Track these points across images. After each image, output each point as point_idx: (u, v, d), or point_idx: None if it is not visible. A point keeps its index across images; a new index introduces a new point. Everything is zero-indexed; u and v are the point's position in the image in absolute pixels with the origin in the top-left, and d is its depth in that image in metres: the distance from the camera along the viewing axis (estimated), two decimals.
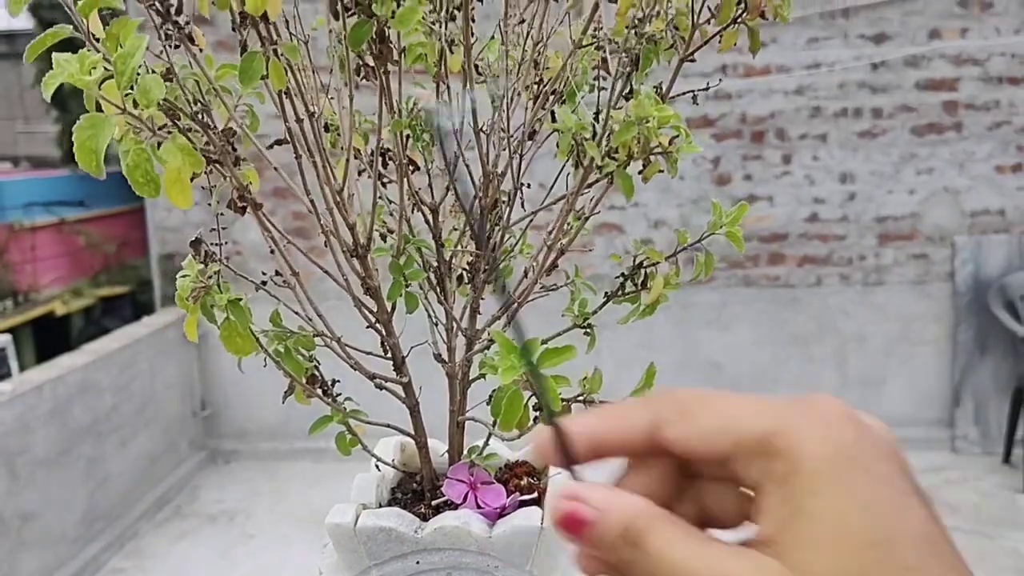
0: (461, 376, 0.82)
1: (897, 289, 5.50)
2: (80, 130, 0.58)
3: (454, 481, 0.80)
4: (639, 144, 0.75)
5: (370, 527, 0.74)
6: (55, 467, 4.21)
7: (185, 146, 0.61)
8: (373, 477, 0.84)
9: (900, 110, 5.35)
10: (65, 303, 14.73)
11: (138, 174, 0.60)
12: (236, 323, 0.70)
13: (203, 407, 5.77)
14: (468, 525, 0.73)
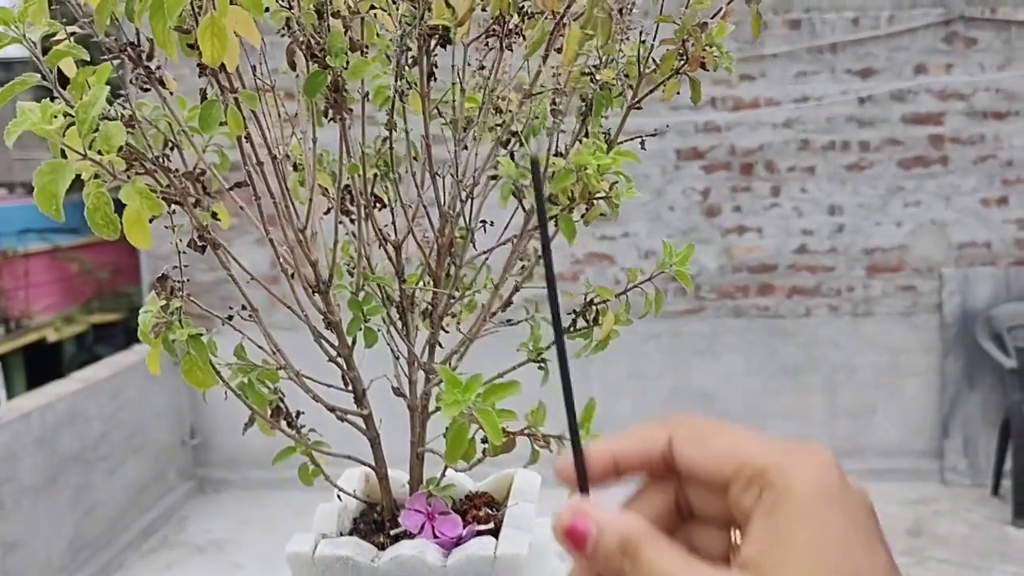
0: (421, 408, 0.85)
1: (886, 320, 5.53)
2: (40, 175, 0.60)
3: (411, 511, 0.82)
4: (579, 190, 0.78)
5: (328, 556, 0.76)
6: (42, 495, 4.20)
7: (143, 190, 0.63)
8: (335, 507, 0.86)
9: (887, 143, 5.41)
10: (57, 330, 14.70)
11: (97, 216, 0.62)
12: (196, 357, 0.72)
13: (192, 435, 5.76)
14: (424, 555, 0.75)
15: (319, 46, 0.70)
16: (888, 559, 0.44)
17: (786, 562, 0.42)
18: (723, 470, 0.46)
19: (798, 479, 0.44)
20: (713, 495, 0.47)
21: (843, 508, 0.43)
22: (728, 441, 0.47)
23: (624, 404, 5.66)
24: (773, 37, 5.40)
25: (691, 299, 5.61)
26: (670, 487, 0.49)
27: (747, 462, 0.45)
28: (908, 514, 5.05)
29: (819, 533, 0.42)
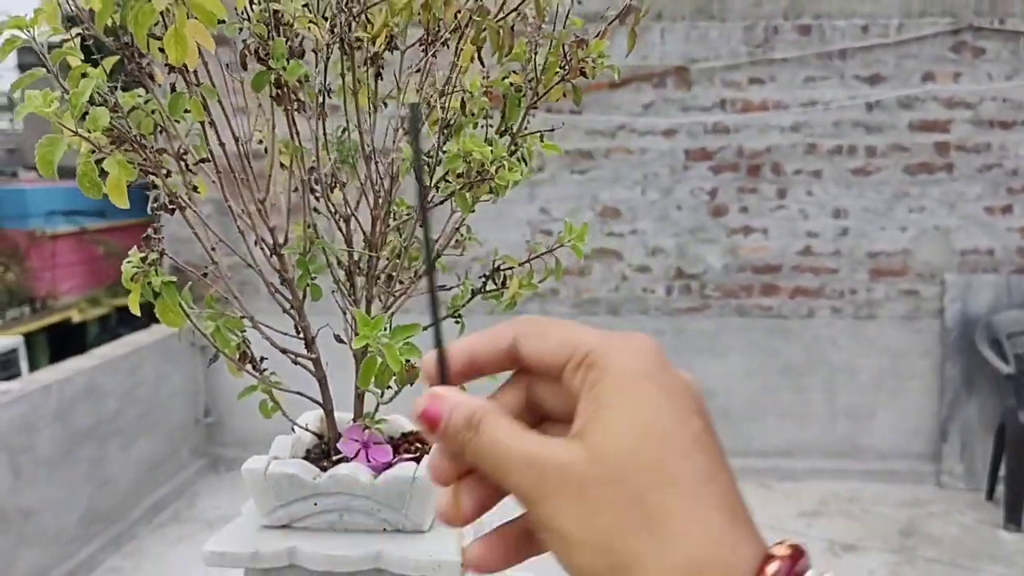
0: (360, 356, 0.98)
1: (887, 323, 5.61)
2: (41, 146, 0.74)
3: (350, 440, 0.95)
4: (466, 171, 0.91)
5: (277, 473, 0.89)
6: (57, 467, 4.37)
7: (121, 160, 0.77)
8: (290, 438, 0.99)
9: (893, 149, 5.49)
10: (82, 311, 14.96)
11: (85, 180, 0.76)
12: (168, 300, 0.86)
13: (206, 414, 5.93)
14: (356, 474, 0.89)
15: (265, 52, 0.83)
16: (702, 427, 0.48)
17: (603, 426, 0.47)
18: (559, 358, 0.50)
19: (618, 357, 0.48)
20: (557, 388, 0.51)
21: (656, 383, 0.48)
22: (563, 331, 0.51)
23: None
24: (783, 42, 5.49)
25: (696, 297, 5.72)
26: (523, 386, 0.54)
27: (577, 347, 0.50)
28: (901, 515, 5.13)
29: (633, 400, 0.47)
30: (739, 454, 5.72)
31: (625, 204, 5.69)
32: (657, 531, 0.45)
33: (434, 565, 0.86)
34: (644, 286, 5.75)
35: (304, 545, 0.88)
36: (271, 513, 0.92)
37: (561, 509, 0.47)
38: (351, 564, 0.86)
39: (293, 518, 0.92)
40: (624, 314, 5.73)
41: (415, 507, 0.90)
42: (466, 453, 0.50)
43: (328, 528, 0.92)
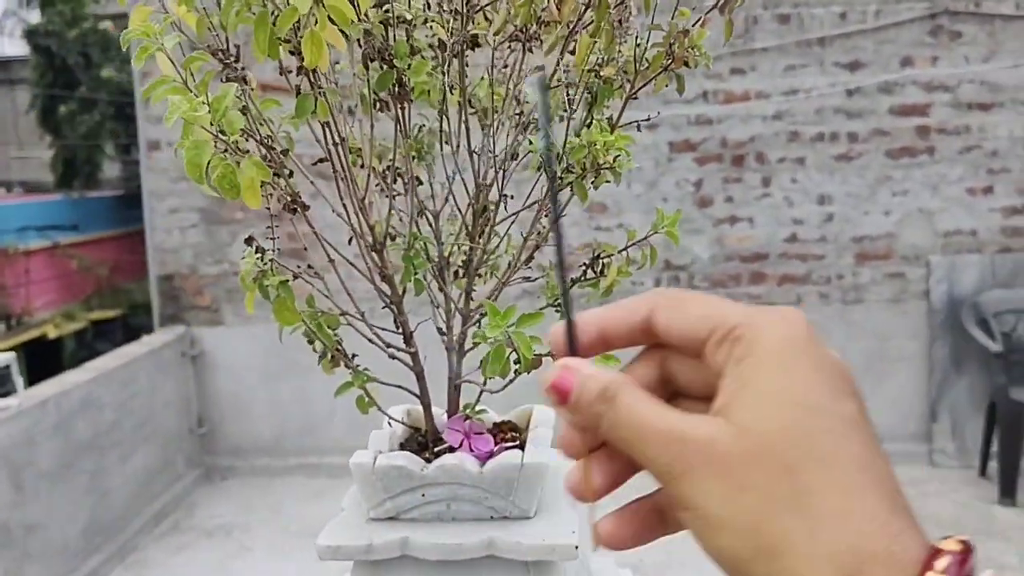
0: (458, 347, 1.00)
1: (874, 307, 5.69)
2: (188, 150, 0.76)
3: (452, 430, 0.97)
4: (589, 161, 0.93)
5: (385, 466, 0.91)
6: (59, 480, 4.34)
7: (258, 162, 0.78)
8: (386, 432, 1.01)
9: (875, 134, 5.57)
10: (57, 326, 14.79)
11: (225, 183, 0.77)
12: (286, 299, 0.87)
13: (200, 424, 5.90)
14: (463, 463, 0.90)
15: (387, 51, 0.85)
16: (856, 408, 0.45)
17: (751, 401, 0.44)
18: (699, 332, 0.47)
19: (766, 332, 0.45)
20: (694, 363, 0.49)
21: (810, 358, 0.45)
22: (704, 305, 0.49)
23: None
24: (763, 31, 5.55)
25: (684, 287, 5.75)
26: (656, 361, 0.51)
27: (720, 322, 0.47)
28: None
29: (784, 375, 0.44)
30: None
31: (610, 198, 5.73)
32: (810, 514, 0.42)
33: (548, 549, 0.88)
34: (633, 279, 5.75)
35: (416, 536, 0.89)
36: (379, 506, 0.93)
37: (704, 486, 0.44)
38: (464, 552, 0.88)
39: (400, 510, 0.93)
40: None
41: (522, 494, 0.92)
42: (600, 426, 0.48)
43: (436, 518, 0.94)
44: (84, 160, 16.31)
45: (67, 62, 14.48)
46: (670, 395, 0.51)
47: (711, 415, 0.45)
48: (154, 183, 5.89)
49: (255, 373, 5.85)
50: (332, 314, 0.94)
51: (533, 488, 0.92)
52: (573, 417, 0.49)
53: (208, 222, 5.81)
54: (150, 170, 5.87)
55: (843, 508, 0.42)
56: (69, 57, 14.43)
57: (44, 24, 14.84)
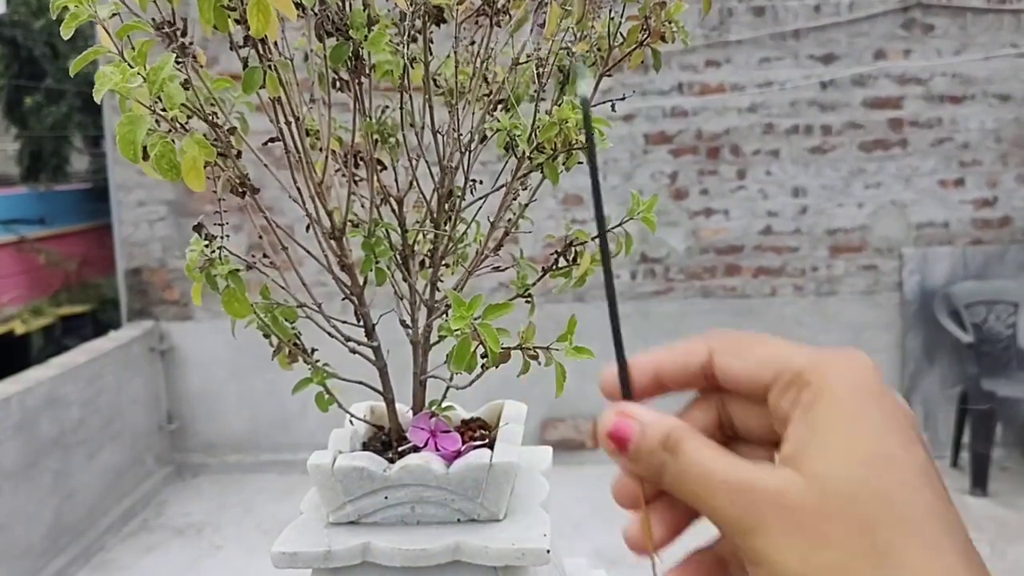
0: (423, 341, 0.95)
1: (848, 299, 5.70)
2: (121, 126, 0.70)
3: (417, 429, 0.92)
4: (561, 140, 0.89)
5: (345, 467, 0.86)
6: (22, 479, 4.25)
7: (201, 139, 0.73)
8: (348, 431, 0.96)
9: (848, 127, 5.57)
10: (24, 322, 14.57)
11: (164, 162, 0.72)
12: (235, 290, 0.82)
13: (170, 421, 5.81)
14: (429, 464, 0.86)
15: (343, 22, 0.79)
16: (926, 457, 0.44)
17: (823, 451, 0.42)
18: (762, 377, 0.46)
19: (835, 378, 0.44)
20: (755, 408, 0.47)
21: (880, 405, 0.43)
22: (766, 348, 0.47)
23: (595, 385, 5.74)
24: (738, 24, 5.53)
25: (660, 280, 5.74)
26: (713, 405, 0.50)
27: (785, 366, 0.45)
28: None
29: (856, 424, 0.43)
30: None
31: (586, 190, 5.68)
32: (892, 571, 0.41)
33: (518, 553, 0.83)
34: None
35: (378, 541, 0.84)
36: (339, 509, 0.88)
37: (778, 541, 0.42)
38: (430, 558, 0.83)
39: (362, 513, 0.88)
40: (590, 300, 5.73)
41: (491, 495, 0.87)
42: (663, 476, 0.46)
43: (399, 522, 0.89)
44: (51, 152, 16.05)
45: (33, 53, 14.23)
46: (728, 439, 0.50)
47: (780, 465, 0.44)
48: (121, 175, 5.78)
49: (226, 368, 5.76)
50: (288, 306, 0.88)
51: (502, 489, 0.87)
52: (633, 466, 0.47)
53: (177, 215, 5.72)
54: (117, 162, 5.76)
55: (925, 565, 0.41)
56: (35, 48, 14.19)
57: (9, 14, 14.58)
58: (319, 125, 0.89)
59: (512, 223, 0.98)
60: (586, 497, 5.12)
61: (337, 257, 0.87)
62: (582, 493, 5.19)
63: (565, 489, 5.10)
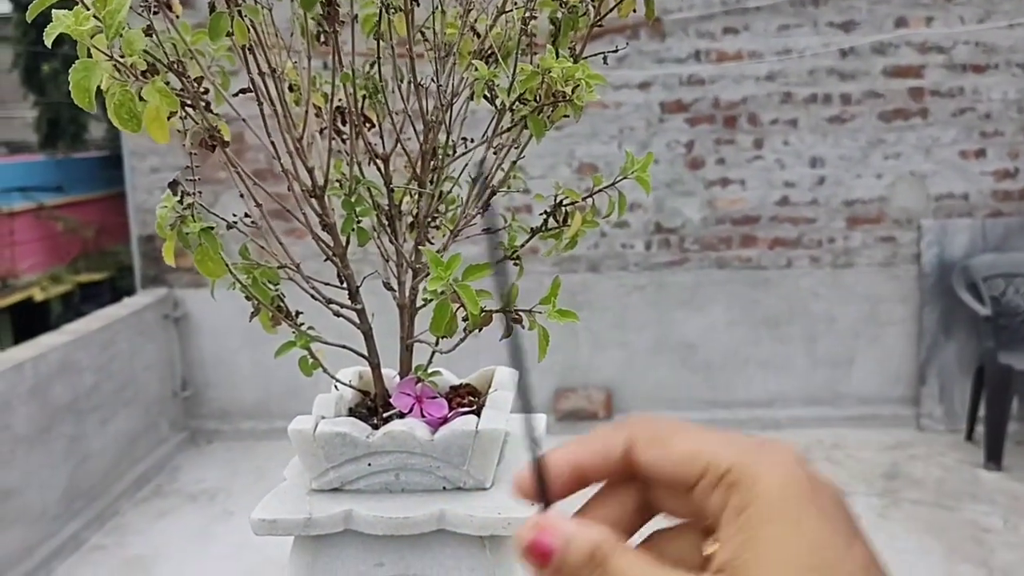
0: (409, 304, 0.92)
1: (865, 271, 5.63)
2: (75, 72, 0.67)
3: (402, 394, 0.90)
4: (545, 91, 0.85)
5: (327, 433, 0.84)
6: (36, 444, 4.28)
7: (163, 88, 0.70)
8: (333, 396, 0.93)
9: (868, 96, 5.47)
10: (44, 289, 14.69)
11: (123, 111, 0.69)
12: (208, 248, 0.79)
13: (183, 387, 5.84)
14: (413, 430, 0.83)
15: None
16: (866, 553, 0.42)
17: (759, 563, 0.41)
18: (688, 472, 0.44)
19: (766, 477, 0.42)
20: (679, 497, 0.45)
21: (815, 504, 0.42)
22: (690, 441, 0.45)
23: (609, 355, 5.77)
24: None
25: (675, 251, 5.69)
26: (630, 492, 0.48)
27: (711, 462, 0.43)
28: (884, 459, 5.19)
29: (791, 531, 0.41)
30: (721, 406, 5.75)
31: (602, 159, 5.63)
32: None
33: (504, 523, 0.81)
34: (623, 242, 5.71)
35: (360, 508, 0.82)
36: (320, 476, 0.86)
37: None
38: (413, 526, 0.81)
39: (345, 481, 0.86)
40: (604, 271, 5.69)
41: (477, 463, 0.85)
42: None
43: (383, 489, 0.87)
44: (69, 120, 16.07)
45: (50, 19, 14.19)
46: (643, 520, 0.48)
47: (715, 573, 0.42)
48: (135, 142, 5.77)
49: (239, 336, 5.77)
50: (269, 267, 0.86)
51: (489, 457, 0.85)
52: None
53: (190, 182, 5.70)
54: None
55: None
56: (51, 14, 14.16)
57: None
58: (300, 79, 0.86)
59: (503, 182, 0.94)
60: None
61: (318, 216, 0.85)
62: None
63: None
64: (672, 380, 5.80)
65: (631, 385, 5.82)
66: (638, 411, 5.79)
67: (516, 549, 0.44)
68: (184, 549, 4.47)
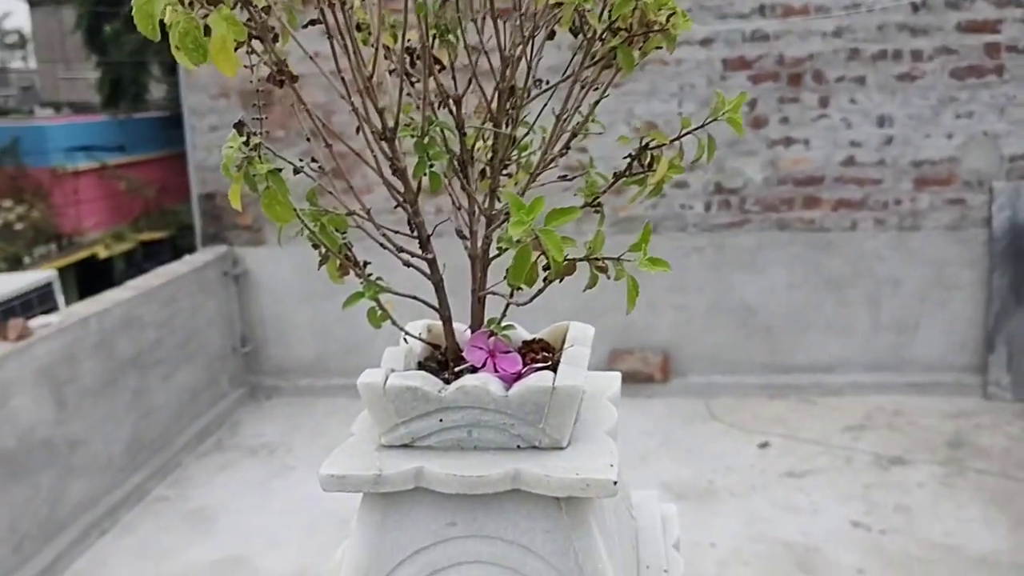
0: (481, 255, 0.89)
1: (932, 234, 5.47)
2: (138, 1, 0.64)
3: (474, 348, 0.87)
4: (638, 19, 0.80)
5: (398, 387, 0.81)
6: (101, 397, 4.37)
7: (230, 16, 0.67)
8: (402, 349, 0.91)
9: (940, 52, 5.27)
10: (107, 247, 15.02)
11: (188, 40, 0.66)
12: (276, 191, 0.76)
13: (243, 344, 5.91)
14: (487, 385, 0.80)
15: None
16: None
17: None
18: None
19: None
20: None
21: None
22: None
23: (665, 317, 5.70)
24: None
25: (735, 212, 5.58)
26: None
27: None
28: (948, 427, 5.07)
29: None
30: (781, 370, 5.66)
31: (662, 118, 5.52)
32: None
33: (582, 484, 0.78)
34: (682, 202, 5.62)
35: (432, 466, 0.79)
36: (390, 431, 0.83)
37: None
38: (487, 485, 0.78)
39: (415, 437, 0.83)
40: (662, 231, 5.60)
41: (553, 421, 0.82)
42: None
43: (455, 446, 0.84)
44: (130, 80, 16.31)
45: None
46: None
47: None
48: (194, 100, 5.80)
49: (297, 293, 5.82)
50: (338, 214, 0.83)
51: (566, 415, 0.81)
52: None
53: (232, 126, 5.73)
54: (190, 87, 5.78)
55: None
56: None
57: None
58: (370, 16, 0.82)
59: (581, 124, 0.89)
60: (655, 430, 5.09)
61: (389, 160, 0.81)
62: (651, 426, 5.15)
63: (632, 420, 5.06)
64: (730, 343, 5.72)
65: (688, 347, 5.75)
66: (695, 374, 5.72)
67: None
68: (244, 502, 4.55)
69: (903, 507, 4.18)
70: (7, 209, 13.52)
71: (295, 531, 4.22)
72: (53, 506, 3.98)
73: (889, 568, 3.72)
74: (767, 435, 4.98)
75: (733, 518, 4.15)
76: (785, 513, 4.18)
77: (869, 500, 4.25)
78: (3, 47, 29.56)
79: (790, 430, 5.02)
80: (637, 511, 1.10)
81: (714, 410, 5.41)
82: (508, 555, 0.82)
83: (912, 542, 3.88)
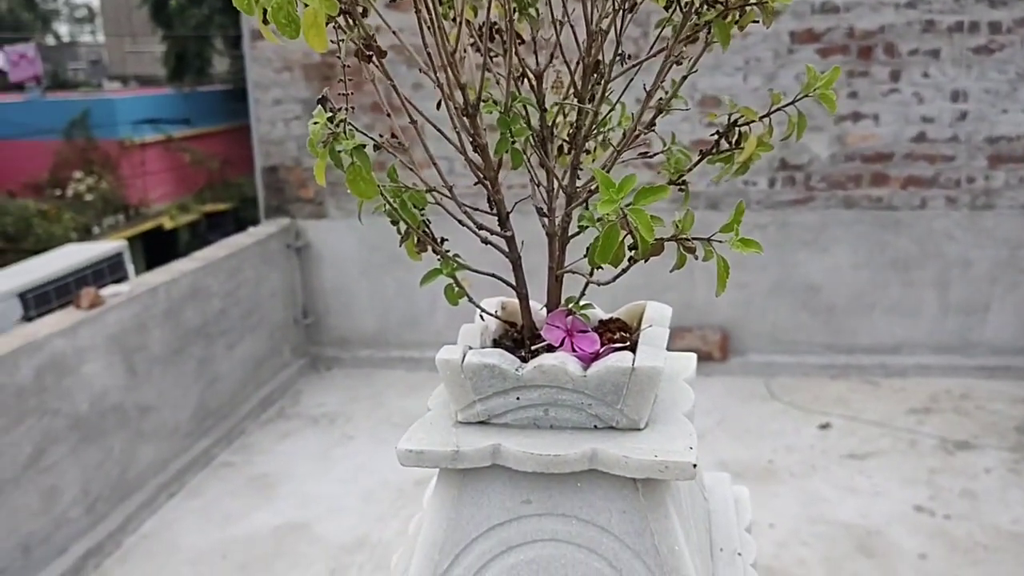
0: (560, 233, 0.88)
1: (1007, 213, 5.31)
2: None
3: (552, 327, 0.86)
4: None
5: (475, 364, 0.81)
6: (170, 365, 4.47)
7: None
8: (478, 326, 0.91)
9: (1020, 24, 5.09)
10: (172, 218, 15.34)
11: (281, 15, 0.66)
12: (360, 167, 0.76)
13: (305, 315, 6.00)
14: (565, 364, 0.80)
15: None
16: None
17: None
18: None
19: None
20: None
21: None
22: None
23: (725, 295, 5.63)
24: None
25: (800, 188, 5.48)
26: None
27: None
28: (1018, 412, 4.94)
29: None
30: (844, 350, 5.57)
31: (726, 92, 5.42)
32: None
33: (660, 466, 0.77)
34: (745, 178, 5.52)
35: (509, 443, 0.79)
36: (467, 408, 0.83)
37: None
38: (564, 464, 0.78)
39: (492, 414, 0.83)
40: (724, 208, 5.53)
41: (631, 402, 0.81)
42: None
43: (531, 425, 0.83)
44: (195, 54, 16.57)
45: None
46: None
47: None
48: (258, 74, 5.86)
49: (358, 266, 5.88)
50: (418, 190, 0.83)
51: (645, 396, 0.81)
52: None
53: (311, 114, 5.78)
54: (254, 60, 5.84)
55: None
56: None
57: None
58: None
59: (666, 100, 0.88)
60: (714, 409, 5.05)
61: (470, 136, 0.81)
62: (709, 405, 5.11)
63: None
64: (791, 323, 5.63)
65: (748, 326, 5.68)
66: (755, 353, 5.66)
67: None
68: (305, 469, 4.64)
69: (969, 492, 4.09)
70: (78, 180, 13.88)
71: (354, 499, 4.29)
72: (124, 469, 4.10)
73: (953, 553, 3.65)
74: (828, 416, 4.91)
75: (792, 499, 4.11)
76: (846, 495, 4.12)
77: (934, 484, 4.17)
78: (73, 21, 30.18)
79: (852, 411, 4.94)
80: (709, 493, 1.09)
81: (774, 390, 5.35)
82: (583, 534, 0.82)
83: (978, 528, 3.81)
